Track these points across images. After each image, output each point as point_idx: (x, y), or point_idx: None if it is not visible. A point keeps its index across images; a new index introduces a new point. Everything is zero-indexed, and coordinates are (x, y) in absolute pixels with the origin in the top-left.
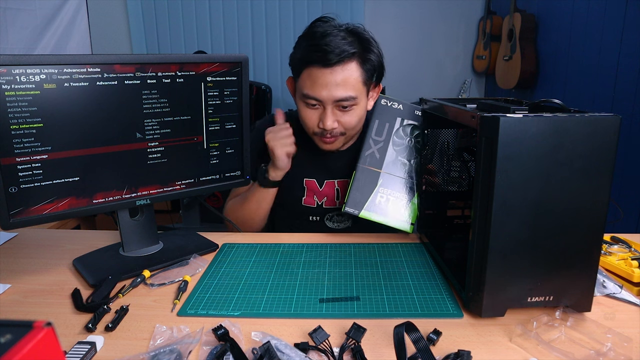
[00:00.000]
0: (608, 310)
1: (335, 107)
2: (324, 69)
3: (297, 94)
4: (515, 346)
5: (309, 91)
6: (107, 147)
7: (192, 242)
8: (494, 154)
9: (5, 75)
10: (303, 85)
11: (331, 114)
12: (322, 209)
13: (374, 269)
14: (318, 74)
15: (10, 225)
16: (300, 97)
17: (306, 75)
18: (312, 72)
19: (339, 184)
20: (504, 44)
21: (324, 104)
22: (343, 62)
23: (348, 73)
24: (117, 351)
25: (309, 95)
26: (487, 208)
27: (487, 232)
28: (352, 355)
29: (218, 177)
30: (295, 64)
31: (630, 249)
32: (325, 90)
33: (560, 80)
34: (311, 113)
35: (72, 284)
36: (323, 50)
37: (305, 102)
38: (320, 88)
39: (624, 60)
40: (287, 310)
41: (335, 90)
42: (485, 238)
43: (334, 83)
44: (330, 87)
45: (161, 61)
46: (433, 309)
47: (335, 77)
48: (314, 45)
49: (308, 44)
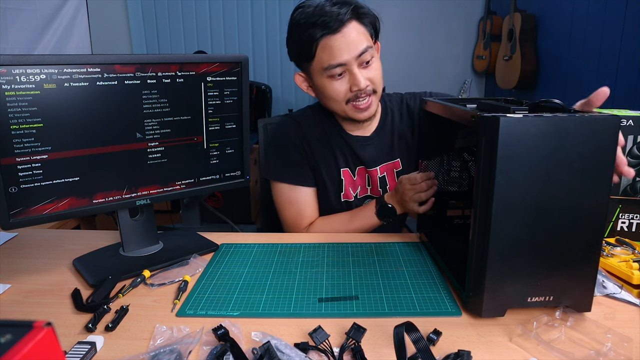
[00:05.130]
0: (608, 310)
1: (359, 66)
2: (334, 35)
3: (316, 75)
4: (515, 346)
5: (332, 61)
6: (107, 147)
7: (192, 242)
8: (494, 154)
9: (5, 75)
10: (322, 60)
11: (359, 72)
12: (358, 201)
13: (372, 268)
14: (331, 42)
15: (10, 225)
16: (322, 74)
17: (320, 51)
18: (325, 44)
19: (371, 172)
20: (504, 44)
21: (348, 67)
22: (346, 23)
23: (355, 30)
24: (117, 351)
25: (333, 65)
26: (487, 208)
27: (487, 232)
28: (352, 355)
29: (218, 177)
30: (302, 50)
31: (634, 251)
32: (346, 52)
33: (560, 80)
34: (339, 84)
35: (72, 284)
36: (324, 22)
37: (330, 76)
38: (341, 52)
39: (624, 60)
40: (287, 310)
41: (354, 48)
42: (486, 238)
43: (349, 42)
44: (348, 47)
45: (161, 61)
46: (432, 308)
47: (348, 38)
48: (312, 23)
49: (305, 27)
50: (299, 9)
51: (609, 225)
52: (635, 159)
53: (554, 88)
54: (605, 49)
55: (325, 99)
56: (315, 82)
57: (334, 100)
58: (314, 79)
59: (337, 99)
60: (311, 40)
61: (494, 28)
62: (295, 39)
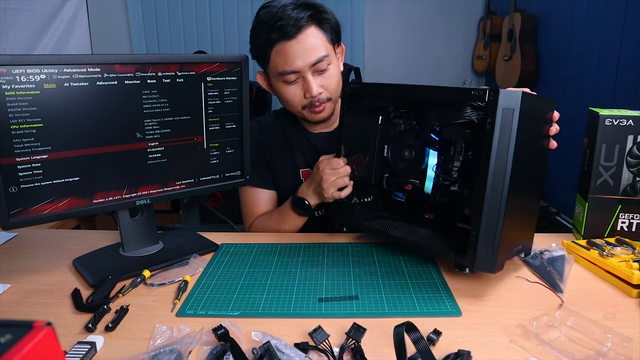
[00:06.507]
0: (608, 310)
1: (313, 73)
2: (289, 41)
3: (272, 77)
4: (515, 346)
5: (284, 67)
6: (107, 147)
7: (192, 242)
8: (510, 124)
9: (5, 75)
10: (276, 65)
11: (312, 79)
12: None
13: (372, 268)
14: (285, 47)
15: (10, 225)
16: (278, 78)
17: (275, 55)
18: (279, 50)
19: None
20: (504, 44)
21: (302, 74)
22: (303, 29)
23: (312, 36)
24: (117, 351)
25: (286, 71)
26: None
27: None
28: (352, 355)
29: (218, 177)
30: (259, 52)
31: (634, 251)
32: (299, 59)
33: (560, 80)
34: (293, 89)
35: (72, 284)
36: (280, 26)
37: (284, 81)
38: (293, 59)
39: (624, 60)
40: (287, 310)
41: (308, 56)
42: (501, 200)
43: (303, 50)
44: (302, 55)
45: (161, 61)
46: (432, 308)
47: (303, 44)
48: (270, 26)
49: (264, 29)
50: (264, 8)
51: (609, 225)
52: (635, 159)
53: (554, 88)
54: (605, 49)
55: (282, 101)
56: (272, 84)
57: (290, 104)
58: (271, 80)
59: (292, 103)
60: (267, 44)
61: (494, 28)
62: (254, 40)
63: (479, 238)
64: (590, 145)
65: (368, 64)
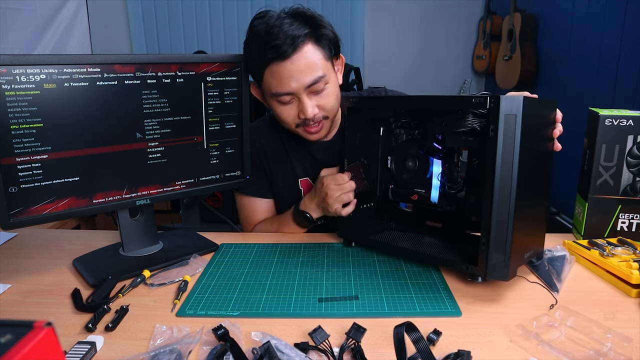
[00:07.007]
0: (608, 310)
1: (309, 94)
2: (283, 62)
3: (267, 96)
4: (515, 346)
5: (278, 89)
6: (107, 147)
7: (192, 242)
8: (514, 129)
9: (5, 75)
10: (269, 85)
11: (308, 101)
12: None
13: (372, 268)
14: (280, 69)
15: (10, 225)
16: (272, 98)
17: (269, 75)
18: (273, 70)
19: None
20: (504, 44)
21: (297, 95)
22: (299, 48)
23: (308, 56)
24: (117, 351)
25: (279, 93)
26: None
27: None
28: (352, 355)
29: (218, 177)
30: (253, 69)
31: (635, 251)
32: (294, 81)
33: (560, 80)
34: (288, 109)
35: (72, 284)
36: (275, 45)
37: (279, 101)
38: (288, 81)
39: (624, 60)
40: (287, 310)
41: (303, 77)
42: (509, 207)
43: (298, 71)
44: (297, 76)
45: (161, 61)
46: (432, 308)
47: (298, 65)
48: (263, 44)
49: (257, 45)
50: (258, 18)
51: (609, 225)
52: (635, 159)
53: (554, 88)
54: (605, 49)
55: (276, 117)
56: (267, 100)
57: (284, 122)
58: (265, 97)
59: (286, 121)
60: (260, 63)
61: (494, 28)
62: (247, 54)
63: (489, 246)
64: (590, 145)
65: (368, 64)
